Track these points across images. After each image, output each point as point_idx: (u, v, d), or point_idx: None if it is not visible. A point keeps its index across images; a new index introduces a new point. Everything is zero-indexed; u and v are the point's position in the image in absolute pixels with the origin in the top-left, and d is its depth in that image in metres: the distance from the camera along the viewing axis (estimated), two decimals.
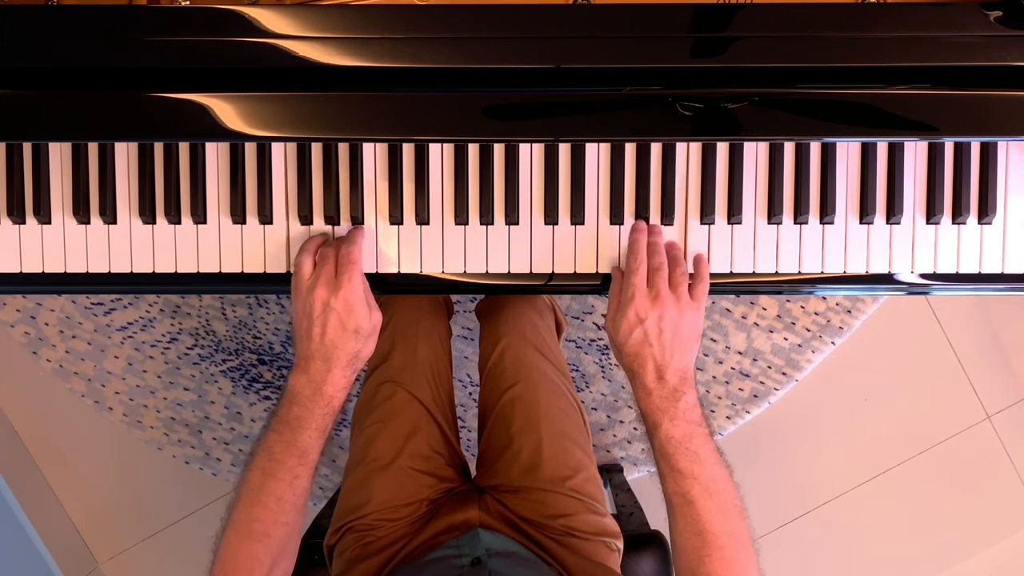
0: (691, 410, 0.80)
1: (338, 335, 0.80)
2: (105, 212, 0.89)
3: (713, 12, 0.79)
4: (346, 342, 0.80)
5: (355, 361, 0.82)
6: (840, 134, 0.83)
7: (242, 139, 0.82)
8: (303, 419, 0.81)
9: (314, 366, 0.81)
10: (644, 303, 0.80)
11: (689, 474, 0.78)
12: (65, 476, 1.80)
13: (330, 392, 0.81)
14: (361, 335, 0.81)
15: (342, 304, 0.79)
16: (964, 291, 0.90)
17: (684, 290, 0.82)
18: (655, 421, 0.80)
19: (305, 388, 0.81)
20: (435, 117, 0.81)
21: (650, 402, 0.80)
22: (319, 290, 0.80)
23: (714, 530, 0.78)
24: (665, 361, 0.80)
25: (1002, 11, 0.78)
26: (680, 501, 0.79)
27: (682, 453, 0.79)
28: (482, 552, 0.89)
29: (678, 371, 0.80)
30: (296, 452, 0.81)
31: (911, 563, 1.79)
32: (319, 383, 0.81)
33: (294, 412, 0.81)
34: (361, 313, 0.81)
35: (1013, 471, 1.77)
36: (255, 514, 0.80)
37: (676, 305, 0.81)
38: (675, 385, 0.80)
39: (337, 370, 0.81)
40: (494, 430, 1.09)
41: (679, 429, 0.79)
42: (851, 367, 1.73)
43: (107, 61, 0.80)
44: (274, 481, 0.80)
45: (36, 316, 1.71)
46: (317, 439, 0.82)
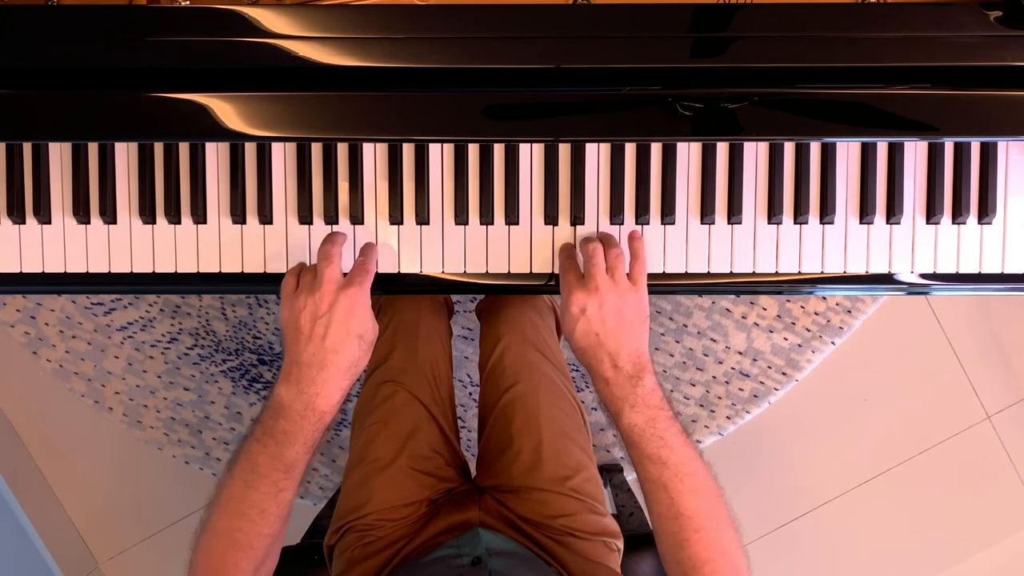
0: (650, 394, 0.79)
1: (340, 337, 0.76)
2: (105, 212, 0.89)
3: (713, 12, 0.79)
4: (348, 347, 0.77)
5: (352, 371, 0.78)
6: (840, 134, 0.83)
7: (242, 139, 0.82)
8: (290, 433, 0.76)
9: (308, 373, 0.76)
10: (580, 295, 0.80)
11: (658, 459, 0.78)
12: (65, 476, 1.79)
13: (322, 407, 0.76)
14: (364, 342, 0.78)
15: (349, 303, 0.76)
16: (964, 291, 0.90)
17: (621, 273, 0.81)
18: (616, 410, 0.80)
19: (295, 401, 0.76)
20: (435, 117, 0.81)
21: (609, 391, 0.80)
22: (326, 286, 0.77)
23: (689, 512, 0.77)
24: (615, 348, 0.79)
25: (1002, 11, 0.78)
26: (653, 487, 0.79)
27: (647, 439, 0.78)
28: (482, 552, 0.89)
29: (630, 356, 0.80)
30: (282, 467, 0.76)
31: (911, 563, 1.79)
32: (311, 396, 0.76)
33: (281, 426, 0.76)
34: (367, 316, 0.78)
35: (1013, 471, 1.77)
36: (237, 524, 0.76)
37: (615, 289, 0.80)
38: (630, 372, 0.79)
39: (333, 379, 0.76)
40: (494, 430, 1.09)
41: (641, 415, 0.79)
42: (851, 367, 1.73)
43: (107, 61, 0.80)
44: (257, 493, 0.76)
45: (36, 316, 1.71)
46: (305, 454, 0.77)
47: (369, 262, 0.82)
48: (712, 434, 1.75)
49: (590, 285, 0.80)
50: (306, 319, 0.77)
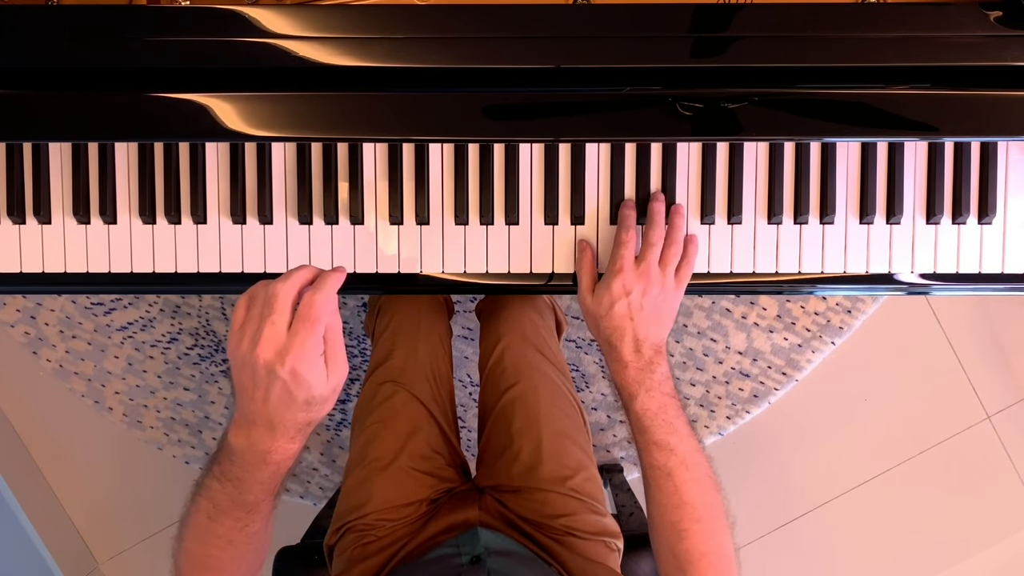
0: (665, 382, 0.81)
1: (284, 405, 0.66)
2: (105, 212, 0.89)
3: (713, 12, 0.79)
4: (294, 413, 0.66)
5: (306, 428, 0.69)
6: (840, 134, 0.83)
7: (242, 139, 0.82)
8: (246, 481, 0.69)
9: (256, 432, 0.67)
10: (631, 277, 0.80)
11: (666, 446, 0.79)
12: (65, 476, 1.80)
13: (276, 460, 0.69)
14: (313, 403, 0.67)
15: (288, 374, 0.64)
16: (964, 291, 0.90)
17: (672, 270, 0.82)
18: (631, 393, 0.80)
19: (247, 452, 0.68)
20: (435, 117, 0.81)
21: (626, 374, 0.81)
22: (261, 349, 0.63)
23: (692, 502, 0.78)
24: (643, 335, 0.80)
25: (1002, 11, 0.78)
26: (658, 474, 0.79)
27: (659, 424, 0.79)
28: (481, 551, 0.89)
29: (654, 345, 0.81)
30: (243, 508, 0.71)
31: (911, 563, 1.79)
32: (262, 451, 0.68)
33: (235, 472, 0.69)
34: (314, 382, 0.65)
35: (1013, 471, 1.77)
36: (206, 551, 0.73)
37: (662, 283, 0.81)
38: (650, 357, 0.80)
39: (283, 439, 0.68)
40: (494, 430, 1.09)
41: (655, 400, 0.80)
42: (851, 367, 1.73)
43: (107, 61, 0.80)
44: (221, 527, 0.72)
45: (36, 316, 1.71)
46: (265, 497, 0.71)
47: (315, 308, 0.64)
48: (712, 434, 1.75)
49: (643, 271, 0.81)
50: (246, 376, 0.65)
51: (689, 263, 0.84)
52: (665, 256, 0.82)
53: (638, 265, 0.81)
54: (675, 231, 0.84)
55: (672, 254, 0.83)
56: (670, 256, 0.82)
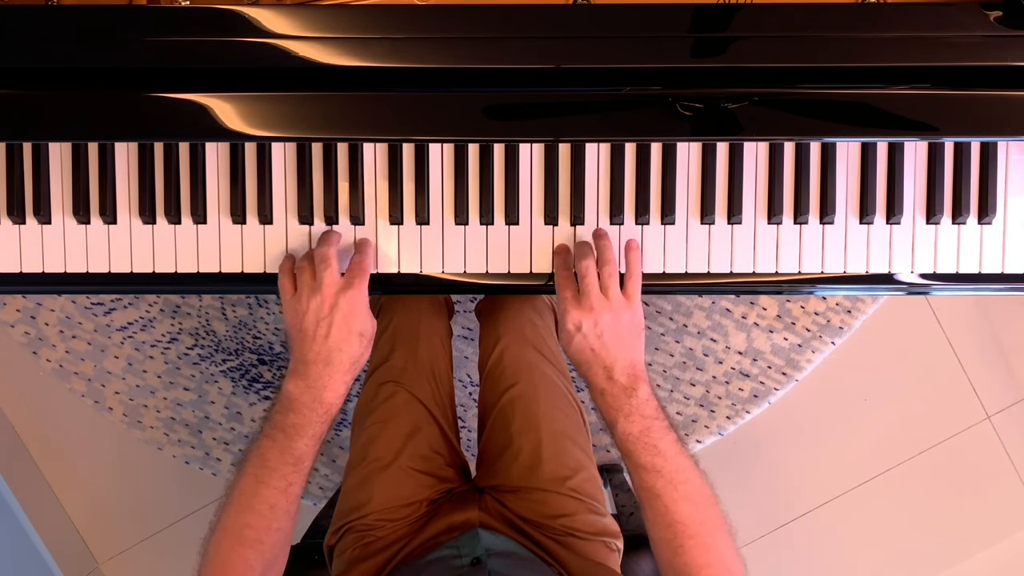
0: (645, 404, 0.81)
1: (343, 336, 0.80)
2: (105, 212, 0.89)
3: (713, 12, 0.79)
4: (350, 344, 0.80)
5: (355, 366, 0.82)
6: (840, 134, 0.83)
7: (242, 139, 0.82)
8: (300, 426, 0.79)
9: (314, 370, 0.80)
10: (576, 313, 0.81)
11: (651, 468, 0.79)
12: (65, 476, 1.79)
13: (329, 399, 0.80)
14: (364, 338, 0.81)
15: (348, 304, 0.79)
16: (964, 291, 0.90)
17: (615, 291, 0.82)
18: (611, 419, 0.81)
19: (303, 395, 0.80)
20: (435, 117, 0.81)
21: (604, 402, 0.82)
22: (326, 288, 0.80)
23: (683, 520, 0.78)
24: (611, 362, 0.81)
25: (1002, 11, 0.78)
26: (647, 495, 0.80)
27: (641, 448, 0.79)
28: (482, 552, 0.89)
29: (625, 369, 0.81)
30: (291, 459, 0.79)
31: (911, 563, 1.79)
32: (319, 389, 0.80)
33: (291, 419, 0.79)
34: (366, 315, 0.81)
35: (1013, 471, 1.77)
36: (247, 520, 0.79)
37: (608, 307, 0.81)
38: (625, 383, 0.81)
39: (338, 374, 0.80)
40: (494, 430, 1.09)
41: (635, 425, 0.80)
42: (851, 367, 1.73)
43: (107, 61, 0.80)
44: (267, 488, 0.79)
45: (36, 316, 1.71)
46: (313, 446, 0.80)
47: (365, 260, 0.83)
48: (712, 434, 1.75)
49: (584, 304, 0.81)
50: (310, 322, 0.80)
51: (633, 275, 0.84)
52: (602, 280, 0.82)
53: (580, 300, 0.81)
54: (604, 251, 0.83)
55: (607, 275, 0.82)
56: (606, 277, 0.82)
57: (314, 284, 0.80)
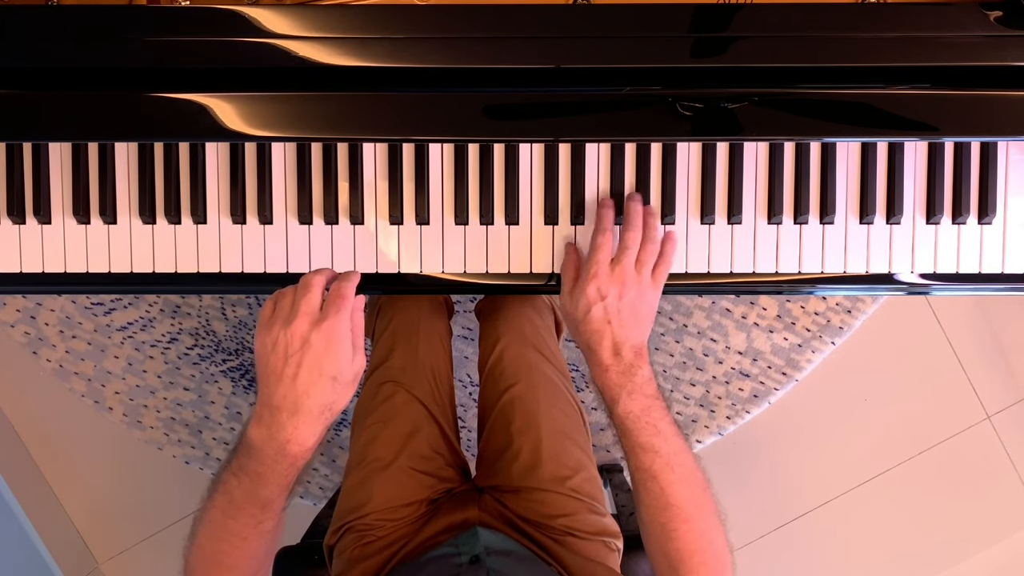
0: (647, 384, 0.80)
1: (312, 380, 0.69)
2: (105, 212, 0.89)
3: (713, 12, 0.79)
4: (320, 390, 0.70)
5: (327, 414, 0.72)
6: (840, 134, 0.83)
7: (242, 139, 0.82)
8: (263, 475, 0.72)
9: (278, 420, 0.70)
10: (606, 280, 0.80)
11: (651, 448, 0.78)
12: (65, 476, 1.79)
13: (294, 452, 0.71)
14: (339, 383, 0.71)
15: (323, 340, 0.69)
16: (964, 291, 0.90)
17: (648, 270, 0.81)
18: (613, 397, 0.80)
19: (266, 445, 0.71)
20: (435, 117, 0.81)
21: (607, 378, 0.80)
22: (298, 321, 0.69)
23: (679, 503, 0.78)
24: (622, 338, 0.80)
25: (1002, 11, 0.78)
26: (644, 477, 0.79)
27: (642, 427, 0.79)
28: (481, 550, 0.89)
29: (633, 347, 0.80)
30: (257, 503, 0.73)
31: (911, 563, 1.79)
32: (282, 442, 0.70)
33: (252, 466, 0.72)
34: (343, 356, 0.70)
35: (1013, 471, 1.77)
36: (221, 547, 0.75)
37: (638, 285, 0.80)
38: (631, 360, 0.80)
39: (304, 425, 0.70)
40: (494, 430, 1.09)
41: (637, 403, 0.79)
42: (851, 367, 1.73)
43: (107, 61, 0.80)
44: (236, 524, 0.74)
45: (36, 316, 1.71)
46: (280, 493, 0.73)
47: (344, 287, 0.72)
48: (712, 434, 1.75)
49: (618, 274, 0.80)
50: (278, 356, 0.70)
51: (666, 262, 0.84)
52: (641, 257, 0.81)
53: (613, 268, 0.80)
54: (650, 230, 0.83)
55: (648, 254, 0.82)
56: (646, 256, 0.81)
57: (288, 313, 0.70)
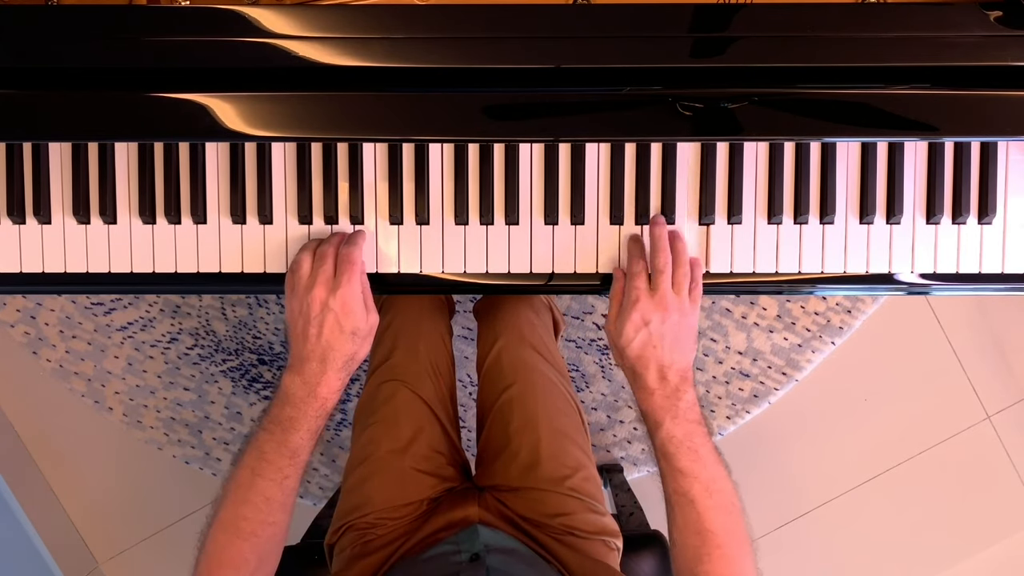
0: (691, 409, 0.81)
1: (335, 336, 0.80)
2: (105, 212, 0.89)
3: (713, 12, 0.79)
4: (343, 344, 0.80)
5: (350, 363, 0.82)
6: (840, 134, 0.83)
7: (242, 139, 0.82)
8: (295, 420, 0.80)
9: (309, 367, 0.80)
10: (648, 306, 0.81)
11: (690, 473, 0.79)
12: (65, 476, 1.79)
13: (324, 394, 0.81)
14: (358, 337, 0.81)
15: (340, 305, 0.79)
16: (964, 291, 0.90)
17: (686, 292, 0.82)
18: (657, 420, 0.81)
19: (299, 389, 0.80)
20: (435, 117, 0.81)
21: (652, 402, 0.81)
22: (317, 290, 0.80)
23: (714, 529, 0.78)
24: (668, 362, 0.81)
25: (1002, 11, 0.78)
26: (681, 500, 0.79)
27: (684, 452, 0.79)
28: (481, 548, 0.89)
29: (679, 371, 0.81)
30: (287, 452, 0.80)
31: (911, 563, 1.79)
32: (313, 385, 0.80)
33: (286, 413, 0.81)
34: (358, 315, 0.80)
35: (1013, 471, 1.77)
36: (243, 512, 0.80)
37: (679, 307, 0.81)
38: (676, 384, 0.81)
39: (332, 372, 0.81)
40: (492, 430, 1.09)
41: (680, 428, 0.80)
42: (851, 367, 1.73)
43: (107, 61, 0.80)
44: (263, 481, 0.80)
45: (36, 316, 1.71)
46: (308, 440, 0.82)
47: (353, 252, 0.82)
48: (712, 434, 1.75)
49: (658, 299, 0.81)
50: (302, 321, 0.81)
51: (698, 284, 0.85)
52: (677, 280, 0.82)
53: (653, 293, 0.81)
54: (680, 254, 0.84)
55: (682, 275, 0.83)
56: (681, 279, 0.82)
57: (308, 282, 0.81)
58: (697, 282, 0.85)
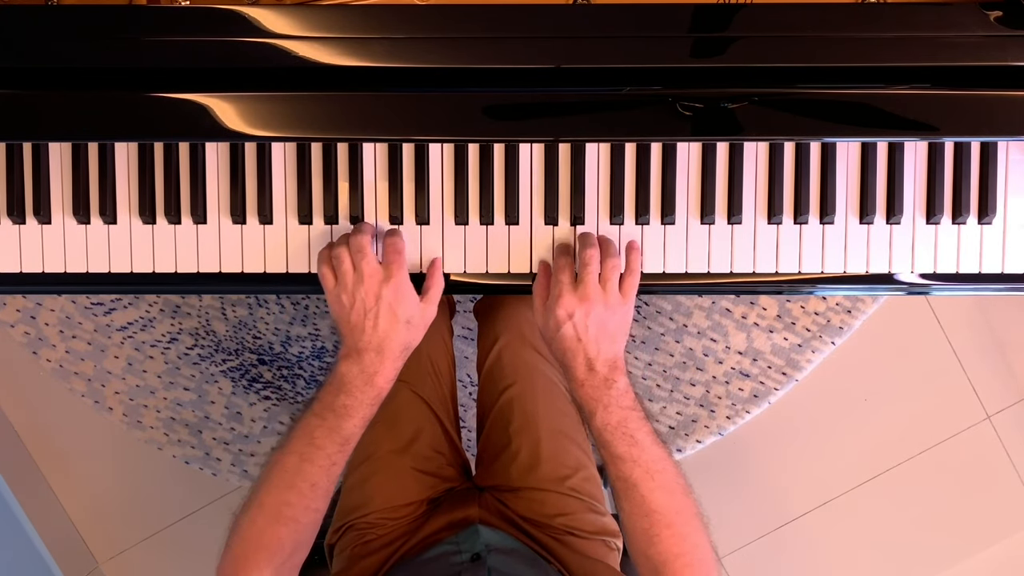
0: (623, 396, 0.81)
1: (391, 326, 0.81)
2: (105, 212, 0.89)
3: (713, 12, 0.79)
4: (399, 333, 0.81)
5: (406, 351, 0.83)
6: (840, 134, 0.83)
7: (242, 139, 0.82)
8: (351, 408, 0.81)
9: (367, 357, 0.81)
10: (571, 300, 0.81)
11: (628, 458, 0.80)
12: (65, 476, 1.79)
13: (381, 383, 0.82)
14: (412, 325, 0.82)
15: (393, 294, 0.80)
16: (964, 291, 0.90)
17: (613, 285, 0.82)
18: (590, 410, 0.82)
19: (357, 378, 0.81)
20: (435, 117, 0.81)
21: (583, 392, 0.82)
22: (368, 282, 0.80)
23: (660, 509, 0.79)
24: (594, 354, 0.81)
25: (1002, 11, 0.78)
26: (624, 486, 0.80)
27: (619, 438, 0.80)
28: (481, 548, 0.89)
29: (607, 361, 0.81)
30: (338, 440, 0.81)
31: (911, 563, 1.79)
32: (371, 374, 0.81)
33: (341, 400, 0.81)
34: (411, 302, 0.82)
35: (1013, 471, 1.77)
36: (287, 498, 0.80)
37: (604, 301, 0.81)
38: (605, 375, 0.81)
39: (389, 361, 0.81)
40: (492, 430, 1.09)
41: (613, 415, 0.81)
42: (851, 367, 1.73)
43: (107, 61, 0.80)
44: (311, 467, 0.80)
45: (36, 316, 1.71)
46: (360, 427, 0.82)
47: (399, 241, 0.83)
48: (712, 434, 1.74)
49: (581, 292, 0.81)
50: (357, 314, 0.81)
51: (633, 274, 0.84)
52: (604, 273, 0.82)
53: (577, 287, 0.81)
54: (609, 245, 0.84)
55: (610, 268, 0.82)
56: (608, 272, 0.82)
57: (356, 276, 0.81)
58: (631, 271, 0.84)
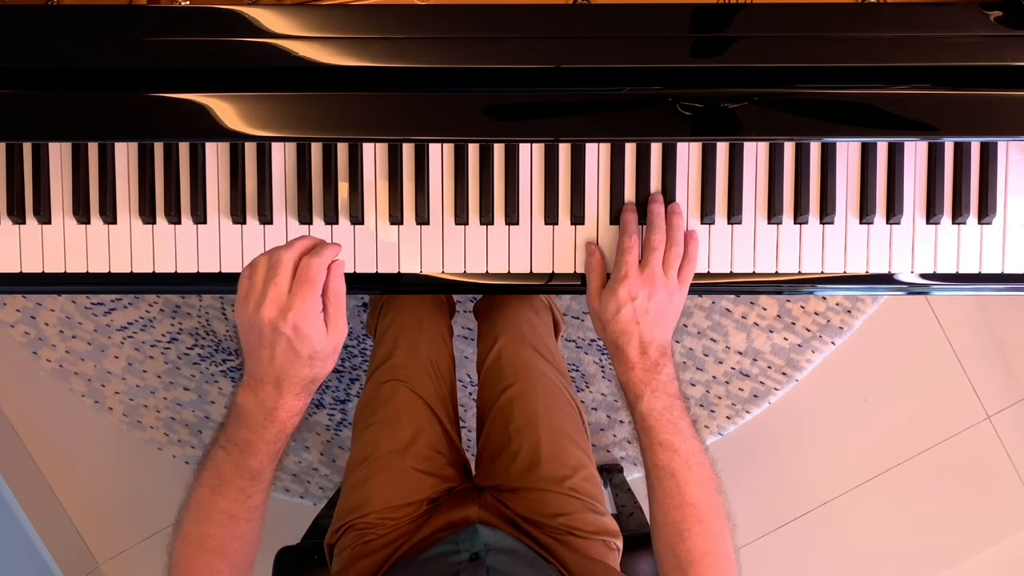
0: (670, 383, 0.82)
1: (289, 362, 0.70)
2: (105, 212, 0.89)
3: (713, 12, 0.79)
4: (299, 369, 0.71)
5: (311, 385, 0.73)
6: (840, 134, 0.83)
7: (242, 139, 0.82)
8: (252, 443, 0.73)
9: (265, 390, 0.71)
10: (636, 283, 0.81)
11: (670, 446, 0.80)
12: (65, 476, 1.80)
13: (283, 418, 0.72)
14: (317, 359, 0.71)
15: (291, 329, 0.68)
16: (964, 291, 0.90)
17: (675, 272, 0.83)
18: (637, 393, 0.82)
19: (255, 411, 0.72)
20: (435, 117, 0.81)
21: (632, 375, 0.82)
22: (266, 309, 0.68)
23: (695, 502, 0.79)
24: (649, 338, 0.81)
25: (1002, 11, 0.78)
26: (662, 474, 0.80)
27: (663, 425, 0.80)
28: (480, 548, 0.89)
29: (659, 347, 0.82)
30: (246, 474, 0.74)
31: (911, 563, 1.79)
32: (270, 408, 0.72)
33: (242, 435, 0.73)
34: (315, 338, 0.69)
35: (1013, 471, 1.77)
36: (207, 530, 0.75)
37: (666, 286, 0.82)
38: (656, 359, 0.82)
39: (290, 396, 0.72)
40: (492, 430, 1.09)
41: (660, 401, 0.81)
42: (851, 367, 1.73)
43: (107, 61, 0.80)
44: (224, 500, 0.74)
45: (36, 316, 1.71)
46: (269, 462, 0.74)
47: (311, 268, 0.68)
48: (712, 434, 1.75)
49: (647, 275, 0.81)
50: (254, 337, 0.70)
51: (691, 262, 0.85)
52: (667, 259, 0.83)
53: (642, 270, 0.82)
54: (675, 231, 0.84)
55: (674, 255, 0.83)
56: (672, 258, 0.83)
57: (259, 296, 0.69)
58: (691, 260, 0.85)
